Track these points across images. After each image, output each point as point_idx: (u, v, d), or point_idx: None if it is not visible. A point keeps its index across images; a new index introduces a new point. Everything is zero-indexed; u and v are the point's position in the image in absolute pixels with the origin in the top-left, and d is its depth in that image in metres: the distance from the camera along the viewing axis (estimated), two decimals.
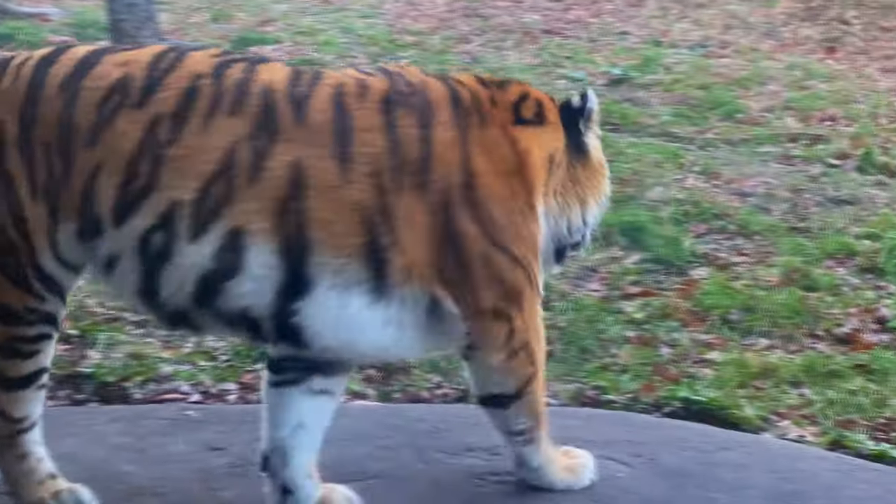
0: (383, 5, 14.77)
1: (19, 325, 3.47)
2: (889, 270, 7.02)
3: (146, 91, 3.37)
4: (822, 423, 5.10)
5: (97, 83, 3.37)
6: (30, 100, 3.38)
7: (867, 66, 12.11)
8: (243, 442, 4.28)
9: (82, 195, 3.37)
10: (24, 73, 3.42)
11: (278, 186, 3.34)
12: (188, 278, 3.38)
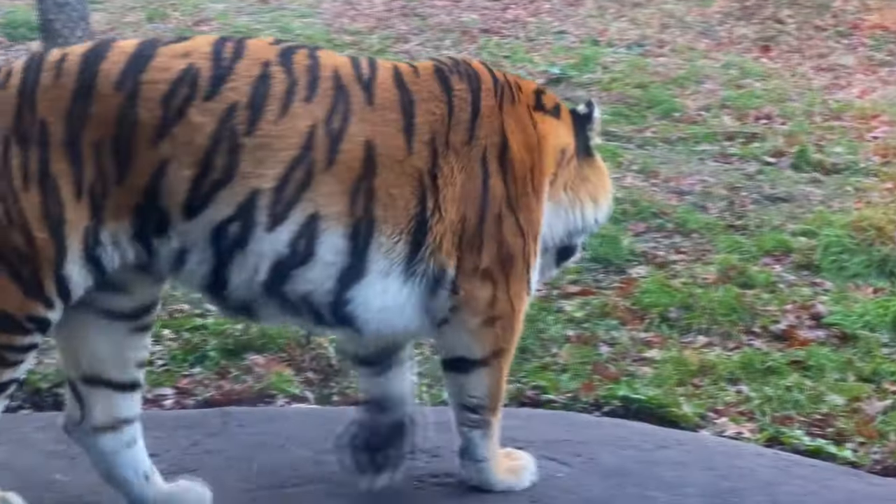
0: (321, 5, 14.67)
1: (15, 334, 3.37)
2: (825, 267, 7.08)
3: (217, 81, 3.35)
4: (760, 420, 5.13)
5: (159, 77, 3.33)
6: (79, 98, 3.30)
7: (801, 65, 12.22)
8: (179, 448, 4.24)
9: (145, 192, 3.33)
10: (68, 70, 3.32)
11: (353, 168, 3.45)
12: (262, 267, 3.44)
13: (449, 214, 3.55)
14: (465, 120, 3.59)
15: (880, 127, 10.12)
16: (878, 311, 6.34)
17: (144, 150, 3.31)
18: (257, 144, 3.36)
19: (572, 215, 3.93)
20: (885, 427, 5.01)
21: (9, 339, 3.35)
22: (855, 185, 8.66)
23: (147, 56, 3.36)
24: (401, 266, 3.55)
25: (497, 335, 3.72)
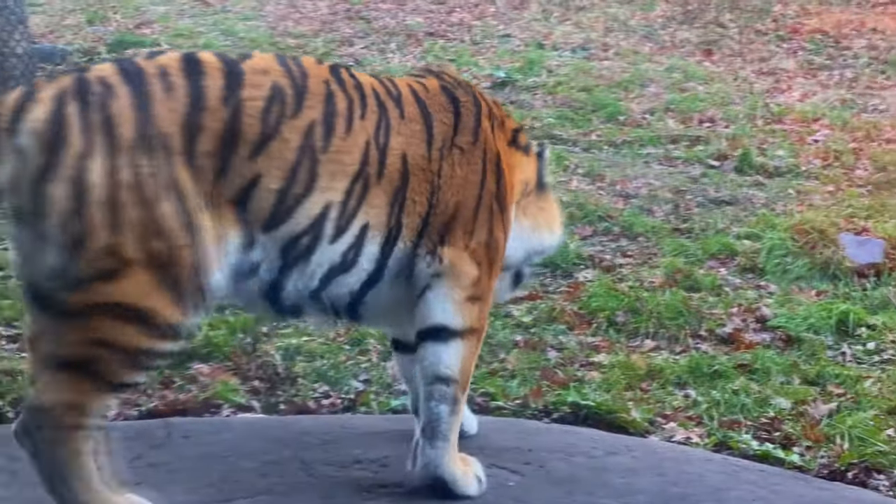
0: (264, 7, 14.59)
1: (159, 339, 3.40)
2: (769, 270, 7.14)
3: (298, 99, 3.54)
4: (708, 425, 5.14)
5: (256, 94, 3.48)
6: (192, 111, 3.37)
7: (743, 69, 12.34)
8: (123, 460, 4.14)
9: (240, 205, 3.47)
10: (176, 84, 3.39)
11: (394, 179, 3.71)
12: (316, 276, 3.66)
13: (448, 206, 3.82)
14: (470, 125, 3.90)
15: (821, 130, 10.24)
16: (821, 314, 6.40)
17: (241, 164, 3.45)
18: (331, 159, 3.57)
19: (533, 239, 4.29)
20: (830, 431, 5.04)
21: (152, 343, 3.39)
22: (797, 189, 8.75)
23: (238, 72, 3.49)
24: (406, 263, 3.81)
25: (476, 313, 3.91)
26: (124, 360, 3.37)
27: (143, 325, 3.34)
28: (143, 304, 3.33)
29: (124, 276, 3.30)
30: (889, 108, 10.97)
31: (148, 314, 3.34)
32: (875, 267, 7.01)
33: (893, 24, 13.87)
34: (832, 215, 7.74)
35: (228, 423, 4.86)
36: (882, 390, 5.59)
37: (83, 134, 3.25)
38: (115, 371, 3.37)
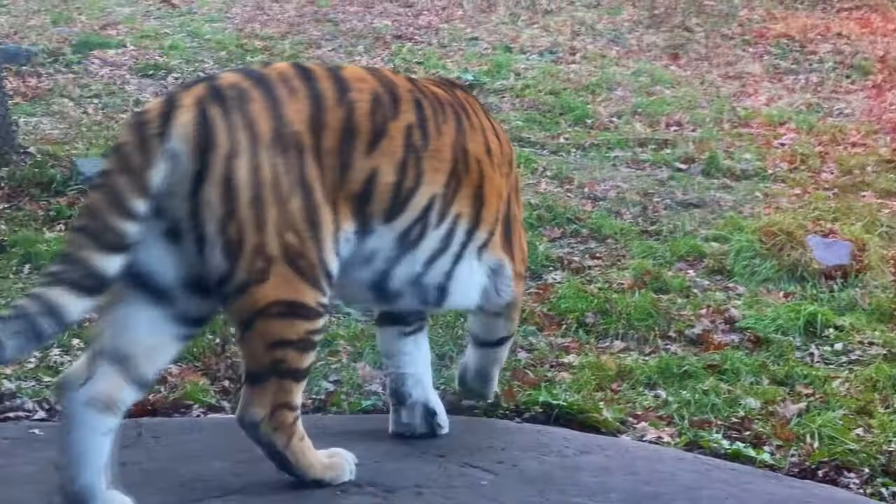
0: (230, 9, 14.53)
1: (315, 319, 3.72)
2: (737, 272, 7.19)
3: (394, 104, 3.89)
4: (679, 424, 5.16)
5: (361, 97, 3.81)
6: (316, 111, 3.69)
7: (710, 73, 12.41)
8: None
9: (359, 198, 3.78)
10: (297, 87, 3.71)
11: (473, 175, 4.08)
12: (419, 261, 4.01)
13: (500, 212, 4.26)
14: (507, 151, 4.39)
15: (787, 134, 10.33)
16: (789, 315, 6.44)
17: (360, 159, 3.77)
18: (431, 156, 3.94)
19: None
20: (800, 430, 5.07)
21: (312, 324, 3.71)
22: (764, 191, 8.82)
23: (342, 78, 3.83)
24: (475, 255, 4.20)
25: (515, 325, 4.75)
26: (300, 348, 3.72)
27: (301, 315, 3.67)
28: (293, 298, 3.63)
29: (272, 274, 3.59)
30: (854, 112, 11.08)
31: (300, 304, 3.66)
32: (842, 269, 7.07)
33: (858, 28, 14.00)
34: (799, 218, 7.79)
35: (199, 423, 4.83)
36: (850, 390, 5.64)
37: (228, 135, 3.51)
38: (298, 361, 3.73)
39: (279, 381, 3.72)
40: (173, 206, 3.50)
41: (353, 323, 6.30)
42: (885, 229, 7.86)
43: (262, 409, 3.74)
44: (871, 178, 9.09)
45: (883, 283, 7.02)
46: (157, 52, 12.24)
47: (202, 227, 3.51)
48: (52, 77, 11.37)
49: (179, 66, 11.68)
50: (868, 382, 5.70)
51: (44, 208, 7.73)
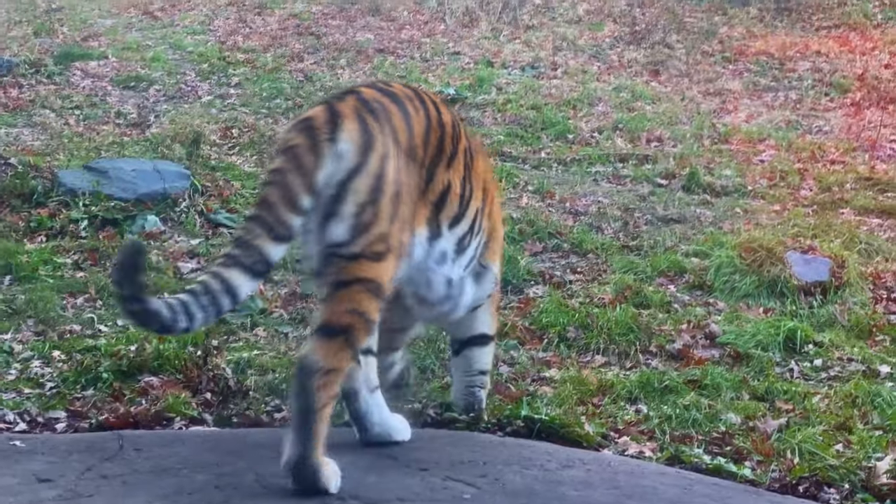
0: (213, 22, 14.53)
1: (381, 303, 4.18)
2: (717, 287, 7.21)
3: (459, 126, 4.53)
4: (660, 439, 5.17)
5: (447, 120, 4.44)
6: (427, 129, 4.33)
7: (690, 89, 12.47)
8: (74, 472, 4.10)
9: (435, 206, 4.37)
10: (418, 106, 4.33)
11: (489, 190, 4.77)
12: (464, 263, 4.62)
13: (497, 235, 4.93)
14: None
15: (766, 151, 10.39)
16: (769, 331, 6.47)
17: (439, 173, 4.36)
18: (476, 176, 4.59)
19: None
20: (781, 445, 5.09)
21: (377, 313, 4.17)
22: (744, 207, 8.86)
23: (434, 102, 4.44)
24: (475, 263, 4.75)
25: (496, 322, 5.15)
26: (367, 327, 4.12)
27: (379, 298, 4.11)
28: (384, 282, 4.12)
29: (385, 259, 4.10)
30: (833, 130, 11.15)
31: (383, 290, 4.12)
32: (821, 285, 7.11)
33: (837, 47, 14.10)
34: (779, 234, 7.84)
35: (181, 435, 4.81)
36: (830, 406, 5.66)
37: (383, 140, 4.10)
38: (361, 338, 4.12)
39: (345, 343, 4.04)
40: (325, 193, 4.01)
41: None
42: (863, 246, 7.91)
43: (324, 362, 3.98)
44: (849, 196, 9.15)
45: (862, 300, 7.06)
46: (139, 63, 12.23)
47: (337, 207, 4.02)
48: (34, 88, 11.35)
49: (161, 78, 11.67)
50: (847, 398, 5.73)
51: (24, 219, 7.71)
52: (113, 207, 7.79)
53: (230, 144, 9.87)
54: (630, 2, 15.83)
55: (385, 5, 15.36)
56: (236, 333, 6.32)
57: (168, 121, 10.23)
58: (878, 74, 13.02)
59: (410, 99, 4.29)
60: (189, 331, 3.93)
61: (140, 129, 10.11)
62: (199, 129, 9.84)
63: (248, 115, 10.68)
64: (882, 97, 12.27)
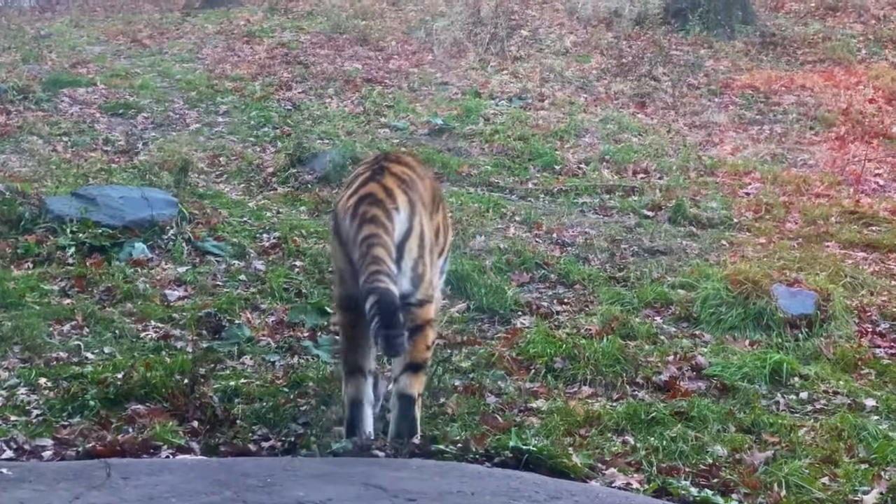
0: (201, 50, 14.56)
1: None
2: (703, 319, 7.24)
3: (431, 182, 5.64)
4: (647, 471, 5.18)
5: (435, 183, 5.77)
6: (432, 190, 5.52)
7: (676, 122, 12.54)
8: (62, 500, 4.08)
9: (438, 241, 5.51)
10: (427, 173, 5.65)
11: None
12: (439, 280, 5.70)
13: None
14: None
15: (752, 183, 10.43)
16: (755, 364, 6.50)
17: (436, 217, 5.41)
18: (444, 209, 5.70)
19: None
20: (768, 478, 5.11)
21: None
22: (730, 240, 8.91)
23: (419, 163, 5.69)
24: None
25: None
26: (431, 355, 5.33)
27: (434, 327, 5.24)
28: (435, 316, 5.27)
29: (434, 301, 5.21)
30: (818, 163, 11.22)
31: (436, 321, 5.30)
32: (807, 318, 7.15)
33: (822, 81, 14.21)
34: (765, 267, 7.87)
35: (168, 464, 4.80)
36: (816, 439, 5.69)
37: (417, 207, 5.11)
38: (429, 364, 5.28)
39: (425, 373, 5.18)
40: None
41: (322, 365, 6.30)
42: (848, 280, 7.95)
43: (418, 389, 5.11)
44: (834, 229, 9.21)
45: (847, 333, 7.10)
46: (128, 91, 12.25)
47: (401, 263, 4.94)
48: (22, 114, 11.35)
49: (149, 106, 11.69)
50: (833, 431, 5.76)
51: (11, 246, 7.70)
52: (100, 234, 7.78)
53: (218, 172, 9.88)
54: (617, 34, 15.92)
55: (373, 35, 15.41)
56: (223, 362, 6.32)
57: (156, 148, 10.24)
58: (862, 109, 13.12)
59: (418, 167, 5.41)
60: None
61: (128, 156, 10.11)
62: (186, 156, 9.86)
63: (235, 144, 10.70)
64: (866, 131, 12.35)
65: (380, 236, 4.82)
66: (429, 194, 5.29)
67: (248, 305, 7.11)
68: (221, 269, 7.69)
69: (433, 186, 5.45)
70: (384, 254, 4.77)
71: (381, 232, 4.84)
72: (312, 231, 8.44)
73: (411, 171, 5.26)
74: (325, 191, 9.41)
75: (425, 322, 5.06)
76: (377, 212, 4.89)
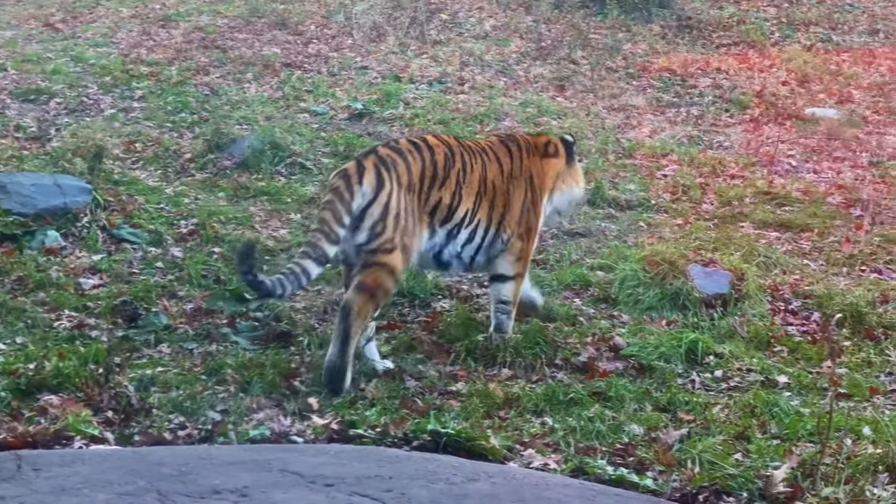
0: (116, 34, 14.30)
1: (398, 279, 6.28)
2: (621, 300, 7.32)
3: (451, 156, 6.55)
4: (565, 451, 5.23)
5: (439, 158, 6.45)
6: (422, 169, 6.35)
7: (595, 105, 12.61)
8: None
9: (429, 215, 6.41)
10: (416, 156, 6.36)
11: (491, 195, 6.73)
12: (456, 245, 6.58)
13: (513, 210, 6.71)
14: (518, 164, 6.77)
15: (669, 165, 10.55)
16: (672, 343, 6.58)
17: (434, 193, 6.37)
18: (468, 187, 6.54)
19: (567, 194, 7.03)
20: (682, 455, 5.18)
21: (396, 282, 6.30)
22: (647, 221, 9.01)
23: (430, 146, 6.50)
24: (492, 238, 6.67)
25: (520, 266, 6.73)
26: (385, 293, 6.15)
27: (393, 277, 6.12)
28: (395, 266, 6.10)
29: (392, 252, 6.08)
30: (733, 145, 11.38)
31: (396, 271, 6.12)
32: (722, 297, 7.25)
33: (737, 64, 14.40)
34: (681, 247, 7.96)
35: (81, 454, 4.73)
36: (729, 416, 5.79)
37: (389, 183, 6.13)
38: (380, 299, 6.12)
39: (370, 298, 6.02)
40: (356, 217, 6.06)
41: (241, 352, 6.25)
42: (762, 259, 8.09)
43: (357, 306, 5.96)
44: (748, 210, 9.35)
45: (760, 312, 7.22)
46: (39, 76, 11.99)
47: (362, 223, 6.05)
48: None
49: (62, 91, 11.46)
50: (746, 408, 5.86)
51: None
52: (11, 223, 7.62)
53: (134, 159, 9.73)
54: (536, 18, 15.96)
55: (292, 19, 15.26)
56: (140, 350, 6.24)
57: (69, 134, 10.04)
58: (775, 91, 13.33)
59: (411, 151, 6.31)
60: (282, 297, 6.02)
61: (40, 142, 9.91)
62: (101, 142, 9.68)
63: (152, 129, 10.54)
64: (779, 113, 12.56)
65: (334, 202, 6.03)
66: (417, 175, 6.26)
67: (166, 293, 7.03)
68: (138, 257, 7.59)
69: (436, 168, 6.35)
70: (330, 216, 5.99)
71: (337, 199, 6.03)
72: (231, 217, 8.36)
73: (397, 154, 6.27)
74: (243, 176, 9.33)
75: (374, 263, 6.06)
76: (340, 183, 6.09)
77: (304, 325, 6.66)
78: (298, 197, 8.95)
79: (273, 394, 5.79)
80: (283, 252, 7.74)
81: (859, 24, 16.83)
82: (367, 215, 6.06)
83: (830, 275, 8.02)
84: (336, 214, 5.99)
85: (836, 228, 8.98)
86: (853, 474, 4.93)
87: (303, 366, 6.13)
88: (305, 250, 5.96)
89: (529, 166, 6.81)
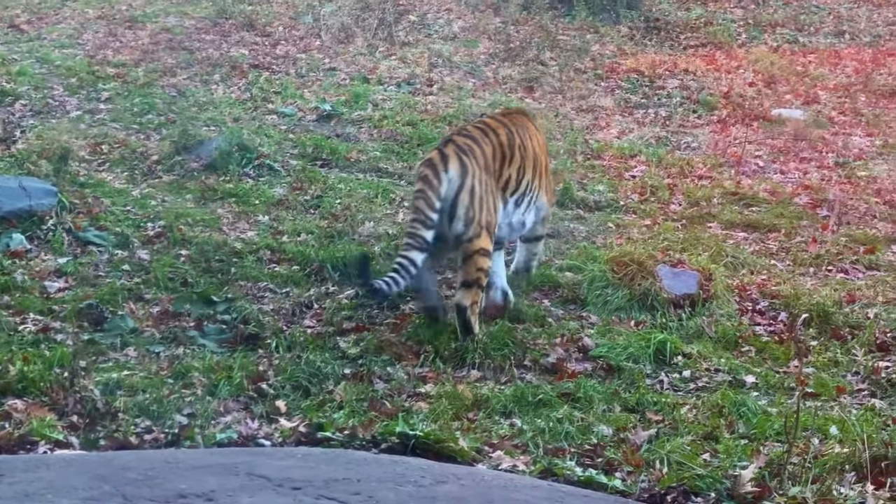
0: (81, 35, 14.18)
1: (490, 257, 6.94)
2: (590, 301, 7.33)
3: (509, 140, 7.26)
4: (533, 452, 5.23)
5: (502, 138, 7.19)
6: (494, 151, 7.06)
7: (564, 106, 12.63)
8: None
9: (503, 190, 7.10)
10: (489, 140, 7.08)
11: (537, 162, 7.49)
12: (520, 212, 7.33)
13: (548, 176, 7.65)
14: (542, 136, 7.67)
15: (637, 166, 10.58)
16: (640, 344, 6.60)
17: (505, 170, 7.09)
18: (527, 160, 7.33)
19: None
20: (650, 456, 5.19)
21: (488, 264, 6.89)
22: (616, 222, 9.02)
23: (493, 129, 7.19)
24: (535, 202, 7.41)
25: (547, 226, 7.79)
26: (486, 273, 6.77)
27: (488, 255, 6.75)
28: (486, 246, 6.71)
29: (483, 235, 6.70)
30: (700, 146, 11.42)
31: (489, 249, 6.74)
32: (690, 298, 7.27)
33: (704, 65, 14.46)
34: (649, 248, 7.99)
35: (45, 459, 4.68)
36: (697, 416, 5.80)
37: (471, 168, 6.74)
38: (483, 282, 6.73)
39: (478, 288, 6.64)
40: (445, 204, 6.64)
41: (208, 355, 6.21)
42: (729, 259, 8.12)
43: (468, 302, 6.56)
44: (716, 210, 9.38)
45: (728, 312, 7.25)
46: (4, 77, 11.87)
47: (455, 211, 6.63)
48: None
49: (27, 93, 11.36)
50: (714, 408, 5.88)
51: None
52: None
53: (100, 160, 9.65)
54: (504, 19, 15.96)
55: (260, 20, 15.19)
56: (106, 354, 6.19)
57: (34, 136, 9.95)
58: (742, 92, 13.39)
59: (483, 136, 6.95)
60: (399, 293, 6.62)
61: (5, 144, 9.80)
62: (67, 144, 9.59)
63: (118, 131, 10.45)
64: (746, 114, 12.61)
65: (425, 191, 6.58)
66: (491, 156, 6.89)
67: (132, 296, 6.98)
68: (104, 260, 7.52)
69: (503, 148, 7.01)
70: (424, 204, 6.56)
71: (427, 187, 6.58)
72: (199, 219, 8.30)
73: (472, 142, 6.86)
74: (211, 178, 9.27)
75: (475, 251, 6.62)
76: (428, 172, 6.65)
77: (272, 328, 6.62)
78: (266, 199, 8.90)
79: (241, 397, 5.76)
80: (250, 254, 7.69)
81: (825, 25, 16.95)
82: (458, 203, 6.61)
83: (797, 275, 8.06)
84: (428, 201, 6.54)
85: (802, 229, 9.02)
86: (820, 473, 4.96)
87: (271, 368, 6.09)
88: (408, 241, 6.51)
89: (542, 139, 7.66)
